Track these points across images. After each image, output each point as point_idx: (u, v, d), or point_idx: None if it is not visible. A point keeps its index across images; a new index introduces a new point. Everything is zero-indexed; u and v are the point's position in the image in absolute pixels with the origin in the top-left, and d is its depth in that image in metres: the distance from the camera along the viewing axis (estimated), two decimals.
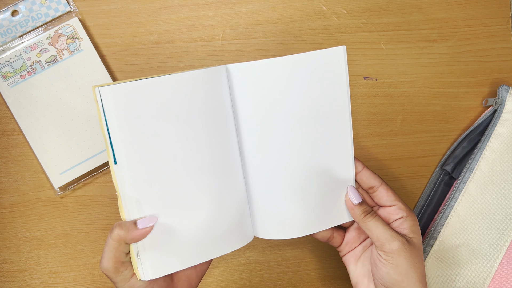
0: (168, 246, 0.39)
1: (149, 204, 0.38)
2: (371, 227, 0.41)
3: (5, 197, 0.51)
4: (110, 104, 0.37)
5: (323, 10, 0.54)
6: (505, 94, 0.51)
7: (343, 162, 0.43)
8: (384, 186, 0.43)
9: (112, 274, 0.38)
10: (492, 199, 0.49)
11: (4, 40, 0.51)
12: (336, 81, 0.41)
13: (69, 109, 0.51)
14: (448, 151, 0.53)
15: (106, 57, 0.52)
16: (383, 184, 0.43)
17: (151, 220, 0.38)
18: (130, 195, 0.38)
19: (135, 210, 0.38)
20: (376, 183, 0.43)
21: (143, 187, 0.38)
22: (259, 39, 0.54)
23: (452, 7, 0.55)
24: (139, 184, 0.38)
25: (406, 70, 0.54)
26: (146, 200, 0.38)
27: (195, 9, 0.53)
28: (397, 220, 0.42)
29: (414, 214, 0.43)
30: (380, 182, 0.43)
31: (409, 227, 0.41)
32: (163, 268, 0.39)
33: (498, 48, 0.55)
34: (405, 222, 0.41)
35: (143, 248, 0.38)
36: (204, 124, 0.40)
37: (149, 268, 0.38)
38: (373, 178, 0.43)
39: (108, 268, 0.38)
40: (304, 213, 0.42)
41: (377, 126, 0.54)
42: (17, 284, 0.51)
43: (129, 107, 0.37)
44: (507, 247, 0.48)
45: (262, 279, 0.52)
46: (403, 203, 0.42)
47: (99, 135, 0.51)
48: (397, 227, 0.42)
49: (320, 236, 0.45)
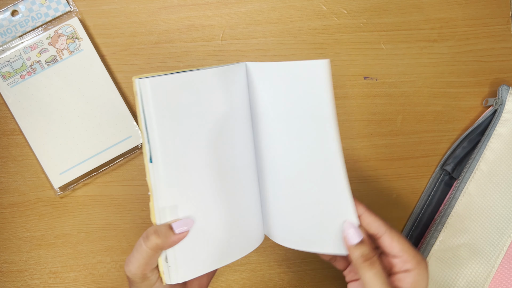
0: (196, 248, 0.38)
1: (183, 206, 0.37)
2: (367, 280, 0.35)
3: (5, 197, 0.51)
4: (149, 97, 0.35)
5: (323, 10, 0.54)
6: (506, 94, 0.51)
7: (337, 192, 0.37)
8: (388, 235, 0.37)
9: (138, 279, 0.36)
10: (493, 199, 0.49)
11: (4, 40, 0.51)
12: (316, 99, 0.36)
13: (69, 109, 0.51)
14: (448, 151, 0.53)
15: (106, 57, 0.52)
16: (388, 232, 0.37)
17: (187, 223, 0.36)
18: (164, 196, 0.36)
19: (167, 213, 0.36)
20: (379, 231, 0.37)
21: (178, 188, 0.36)
22: (259, 39, 0.54)
23: (452, 7, 0.55)
24: (174, 185, 0.36)
25: (406, 70, 0.54)
26: (181, 202, 0.37)
27: (195, 9, 0.53)
28: (400, 273, 0.37)
29: (423, 265, 0.37)
30: (384, 230, 0.37)
31: (411, 282, 0.36)
32: (191, 271, 0.38)
33: (498, 48, 0.55)
34: (408, 277, 0.36)
35: (173, 252, 0.37)
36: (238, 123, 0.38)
37: (177, 272, 0.37)
38: (377, 225, 0.37)
39: (137, 274, 0.36)
40: (300, 228, 0.40)
41: (377, 126, 0.54)
42: (17, 284, 0.50)
43: (168, 101, 0.35)
44: (507, 247, 0.48)
45: (262, 279, 0.52)
46: (411, 253, 0.36)
47: (99, 135, 0.51)
48: (399, 280, 0.37)
49: (321, 255, 0.42)
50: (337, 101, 0.54)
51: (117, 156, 0.51)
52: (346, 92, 0.54)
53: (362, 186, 0.53)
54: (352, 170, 0.53)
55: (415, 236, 0.52)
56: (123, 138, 0.51)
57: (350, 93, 0.54)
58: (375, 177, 0.53)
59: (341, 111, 0.54)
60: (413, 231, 0.52)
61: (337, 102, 0.54)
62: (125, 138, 0.51)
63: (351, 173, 0.53)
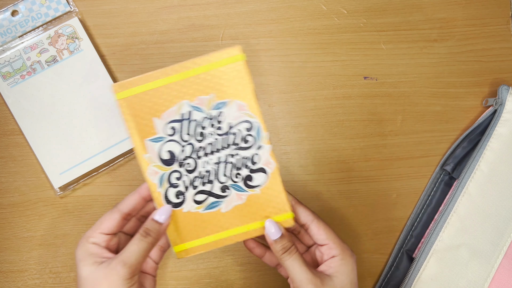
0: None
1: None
2: (288, 266, 0.39)
3: (5, 197, 0.51)
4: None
5: (323, 10, 0.54)
6: (505, 94, 0.51)
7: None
8: (315, 223, 0.40)
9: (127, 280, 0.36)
10: (493, 199, 0.49)
11: (4, 40, 0.51)
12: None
13: (69, 109, 0.51)
14: (448, 151, 0.53)
15: (106, 57, 0.52)
16: (315, 221, 0.40)
17: (166, 211, 0.39)
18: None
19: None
20: (308, 220, 0.41)
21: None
22: (259, 39, 0.54)
23: (452, 7, 0.55)
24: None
25: (406, 70, 0.54)
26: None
27: (195, 9, 0.53)
28: (328, 260, 0.40)
29: (348, 252, 0.40)
30: (312, 219, 0.40)
31: (336, 267, 0.39)
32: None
33: (498, 48, 0.55)
34: (333, 262, 0.39)
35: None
36: None
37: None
38: (305, 215, 0.41)
39: (134, 267, 0.36)
40: None
41: (377, 126, 0.54)
42: (17, 284, 0.50)
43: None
44: (507, 247, 0.48)
45: (262, 279, 0.52)
46: (336, 240, 0.40)
47: (99, 135, 0.51)
48: (326, 266, 0.40)
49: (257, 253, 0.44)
50: (337, 101, 0.54)
51: (117, 156, 0.51)
52: (346, 92, 0.54)
53: (362, 186, 0.53)
54: (352, 170, 0.53)
55: (415, 236, 0.52)
56: (123, 138, 0.51)
57: (350, 93, 0.54)
58: (375, 177, 0.53)
59: (341, 111, 0.54)
60: (413, 231, 0.52)
61: (337, 102, 0.54)
62: (125, 138, 0.51)
63: (351, 173, 0.53)
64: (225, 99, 0.40)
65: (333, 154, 0.53)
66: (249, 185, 0.41)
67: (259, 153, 0.41)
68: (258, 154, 0.41)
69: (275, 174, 0.41)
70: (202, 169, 0.41)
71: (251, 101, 0.40)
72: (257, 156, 0.41)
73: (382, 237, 0.53)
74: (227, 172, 0.41)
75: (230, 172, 0.41)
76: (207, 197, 0.41)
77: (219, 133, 0.40)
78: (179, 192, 0.41)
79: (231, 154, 0.41)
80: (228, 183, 0.41)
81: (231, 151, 0.41)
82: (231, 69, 0.40)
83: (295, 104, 0.53)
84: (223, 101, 0.40)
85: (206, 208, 0.41)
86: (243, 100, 0.40)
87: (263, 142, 0.41)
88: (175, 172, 0.41)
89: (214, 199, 0.41)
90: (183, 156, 0.41)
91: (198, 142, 0.41)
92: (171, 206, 0.41)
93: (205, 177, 0.41)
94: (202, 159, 0.41)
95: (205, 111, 0.40)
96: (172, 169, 0.41)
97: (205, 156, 0.41)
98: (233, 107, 0.40)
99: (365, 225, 0.53)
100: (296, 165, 0.53)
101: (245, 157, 0.41)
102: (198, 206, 0.41)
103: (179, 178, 0.41)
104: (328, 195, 0.53)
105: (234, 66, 0.40)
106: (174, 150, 0.40)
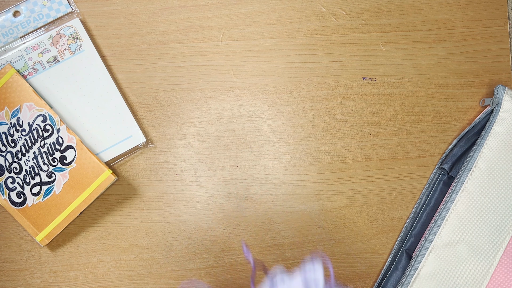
0: None
1: None
2: None
3: None
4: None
5: (322, 11, 0.55)
6: (502, 94, 0.51)
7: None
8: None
9: None
10: (491, 196, 0.49)
11: (6, 40, 0.51)
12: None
13: (69, 110, 0.51)
14: (446, 150, 0.53)
15: (107, 58, 0.53)
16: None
17: None
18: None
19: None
20: None
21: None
22: (259, 40, 0.54)
23: (450, 9, 0.56)
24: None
25: (404, 70, 0.55)
26: None
27: (196, 10, 0.54)
28: None
29: None
30: None
31: None
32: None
33: (496, 49, 0.55)
34: None
35: None
36: None
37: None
38: None
39: None
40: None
41: (376, 127, 0.54)
42: (18, 283, 0.51)
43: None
44: (506, 244, 0.48)
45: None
46: None
47: (100, 135, 0.51)
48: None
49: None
50: (336, 102, 0.54)
51: (117, 156, 0.51)
52: (345, 93, 0.54)
53: (362, 186, 0.53)
54: (351, 170, 0.53)
55: (414, 235, 0.52)
56: (123, 138, 0.51)
57: (349, 93, 0.54)
58: (374, 177, 0.54)
59: (340, 111, 0.54)
60: (413, 231, 0.52)
61: (336, 103, 0.54)
62: (125, 138, 0.51)
63: (350, 173, 0.53)
64: (16, 106, 0.49)
65: (332, 154, 0.54)
66: (66, 163, 0.49)
67: (60, 135, 0.49)
68: (60, 136, 0.49)
69: (79, 145, 0.49)
70: (26, 167, 0.49)
71: (35, 98, 0.49)
72: (60, 138, 0.49)
73: (381, 236, 0.53)
74: (45, 160, 0.49)
75: (47, 160, 0.49)
76: (40, 187, 0.49)
77: (24, 134, 0.49)
78: (19, 192, 0.49)
79: (41, 145, 0.49)
80: (50, 169, 0.49)
81: (40, 143, 0.49)
82: (10, 83, 0.49)
83: (294, 104, 0.54)
84: (15, 108, 0.49)
85: (44, 196, 0.49)
86: (28, 101, 0.49)
87: (59, 125, 0.49)
88: (8, 178, 0.49)
89: (46, 186, 0.49)
90: (8, 164, 0.49)
91: (13, 147, 0.49)
92: (18, 206, 0.48)
93: (31, 173, 0.49)
94: (22, 159, 0.49)
95: (7, 122, 0.49)
96: (5, 177, 0.49)
97: (23, 156, 0.49)
98: (25, 109, 0.49)
99: (365, 225, 0.53)
100: (295, 165, 0.53)
101: (52, 142, 0.49)
102: (37, 197, 0.49)
103: (13, 182, 0.49)
104: (327, 195, 0.53)
105: (11, 81, 0.49)
106: (0, 162, 0.49)
